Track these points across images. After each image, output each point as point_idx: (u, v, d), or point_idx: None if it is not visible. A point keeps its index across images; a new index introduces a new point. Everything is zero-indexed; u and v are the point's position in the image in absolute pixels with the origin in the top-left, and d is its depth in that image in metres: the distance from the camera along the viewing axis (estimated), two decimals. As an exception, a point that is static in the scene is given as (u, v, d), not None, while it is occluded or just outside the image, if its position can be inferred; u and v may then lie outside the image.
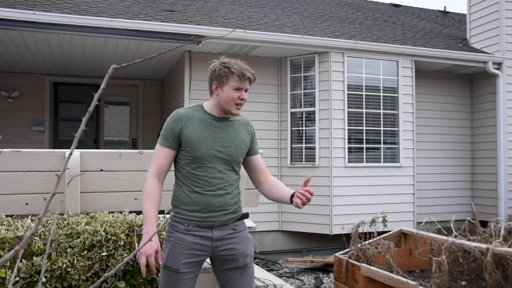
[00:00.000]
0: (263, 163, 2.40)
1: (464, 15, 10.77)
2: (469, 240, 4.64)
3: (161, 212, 2.93)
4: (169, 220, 2.14)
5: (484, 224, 5.47)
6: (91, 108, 1.08)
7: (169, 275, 2.08)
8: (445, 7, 11.82)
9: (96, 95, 1.07)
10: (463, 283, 4.52)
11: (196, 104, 2.24)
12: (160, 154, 2.14)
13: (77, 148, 2.59)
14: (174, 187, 2.22)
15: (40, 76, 8.05)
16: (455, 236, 4.60)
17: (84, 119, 1.06)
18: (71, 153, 1.08)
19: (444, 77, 8.06)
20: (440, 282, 4.04)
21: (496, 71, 7.52)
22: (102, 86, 1.10)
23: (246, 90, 2.18)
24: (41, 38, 5.92)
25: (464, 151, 8.16)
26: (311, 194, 2.18)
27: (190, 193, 2.12)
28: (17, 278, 2.25)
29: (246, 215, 2.28)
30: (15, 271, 1.14)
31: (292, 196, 2.22)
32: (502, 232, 4.39)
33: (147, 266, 2.03)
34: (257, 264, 5.45)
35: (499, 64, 7.58)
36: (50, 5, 5.87)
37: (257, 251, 6.46)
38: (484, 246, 4.11)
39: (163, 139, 2.15)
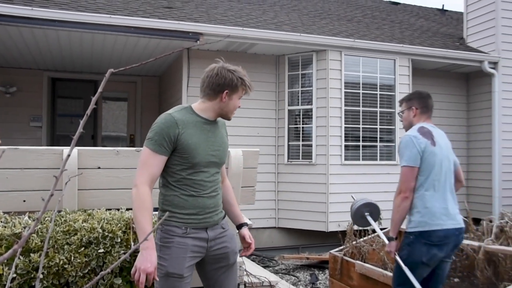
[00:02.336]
0: None
1: (462, 14, 10.79)
2: (462, 238, 4.69)
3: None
4: (160, 226, 2.07)
5: (478, 221, 5.52)
6: (88, 111, 1.11)
7: (173, 282, 2.02)
8: (443, 5, 11.84)
9: (94, 99, 1.10)
10: (456, 280, 4.58)
11: (184, 106, 2.16)
12: (153, 161, 2.02)
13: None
14: (163, 191, 2.13)
15: (38, 72, 8.05)
16: (449, 234, 4.64)
17: (81, 122, 1.09)
18: (69, 155, 1.12)
19: (441, 75, 8.10)
20: (433, 279, 4.09)
21: (492, 71, 7.57)
22: (100, 90, 1.13)
23: None
24: (39, 34, 5.93)
25: (460, 149, 8.20)
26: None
27: (187, 197, 2.08)
28: (15, 275, 2.28)
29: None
30: (13, 268, 1.18)
31: (240, 226, 2.37)
32: (495, 230, 4.44)
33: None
34: (253, 261, 5.49)
35: (495, 63, 7.63)
36: (48, 1, 5.87)
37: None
38: (476, 243, 4.17)
39: (156, 145, 2.01)
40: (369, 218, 3.36)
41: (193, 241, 2.08)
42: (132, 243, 2.46)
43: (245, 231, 2.36)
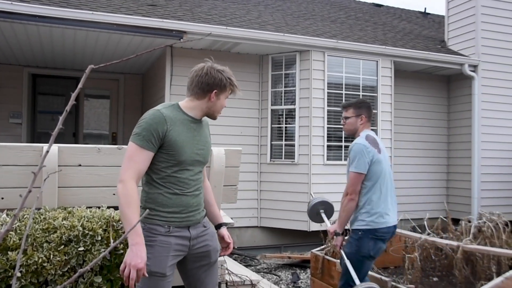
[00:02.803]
0: None
1: (443, 17, 10.97)
2: (441, 237, 4.77)
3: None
4: (142, 224, 2.03)
5: (457, 222, 5.62)
6: (68, 107, 1.11)
7: (155, 281, 2.01)
8: (425, 9, 12.02)
9: (73, 95, 1.09)
10: (435, 279, 4.65)
11: (171, 103, 2.16)
12: (140, 157, 2.00)
13: (55, 141, 2.59)
14: (147, 188, 2.11)
15: (18, 68, 7.91)
16: (428, 234, 4.72)
17: (61, 118, 1.08)
18: (47, 151, 1.11)
19: (423, 77, 8.22)
20: (412, 278, 4.16)
21: (472, 73, 7.71)
22: (80, 85, 1.12)
23: None
24: (20, 29, 5.82)
25: (440, 150, 8.34)
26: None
27: (170, 195, 2.08)
28: (-8, 273, 2.25)
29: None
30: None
31: (219, 226, 2.36)
32: (473, 230, 4.53)
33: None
34: (235, 260, 5.50)
35: (475, 66, 7.77)
36: (29, -4, 5.77)
37: (236, 247, 6.51)
38: (455, 243, 4.24)
39: (144, 141, 2.00)
40: (323, 215, 3.63)
41: (176, 239, 2.08)
42: (112, 241, 2.44)
43: (224, 231, 2.36)
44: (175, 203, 2.08)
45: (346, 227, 3.34)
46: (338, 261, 4.17)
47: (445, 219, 5.15)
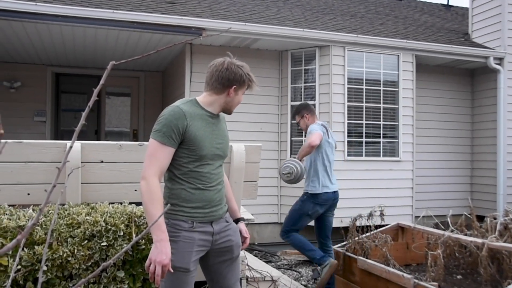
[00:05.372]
0: None
1: (467, 9, 10.73)
2: (465, 234, 4.68)
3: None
4: (166, 220, 2.05)
5: (482, 219, 5.51)
6: (90, 103, 1.12)
7: (179, 276, 2.02)
8: (448, 1, 11.78)
9: (96, 91, 1.11)
10: (459, 277, 4.57)
11: (189, 99, 2.17)
12: (162, 153, 2.01)
13: (78, 139, 2.64)
14: (170, 184, 2.13)
15: (42, 67, 8.07)
16: (452, 231, 4.64)
17: (84, 114, 1.09)
18: (71, 147, 1.12)
19: (445, 71, 8.06)
20: (435, 275, 4.09)
21: (497, 67, 7.52)
22: (101, 82, 1.13)
23: None
24: (43, 29, 5.94)
25: (464, 146, 8.18)
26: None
27: (194, 190, 2.09)
28: (19, 267, 2.30)
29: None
30: (17, 259, 1.19)
31: (237, 221, 2.40)
32: (498, 227, 4.43)
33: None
34: (256, 256, 5.51)
35: (501, 59, 7.58)
36: (52, -4, 5.88)
37: (256, 243, 6.53)
38: (480, 240, 4.16)
39: (165, 137, 2.00)
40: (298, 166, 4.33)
41: (199, 235, 2.09)
42: (134, 236, 2.47)
43: (241, 225, 2.39)
44: (198, 198, 2.09)
45: None
46: (359, 257, 4.14)
47: (469, 215, 5.05)
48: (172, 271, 1.95)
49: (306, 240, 4.45)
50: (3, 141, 0.77)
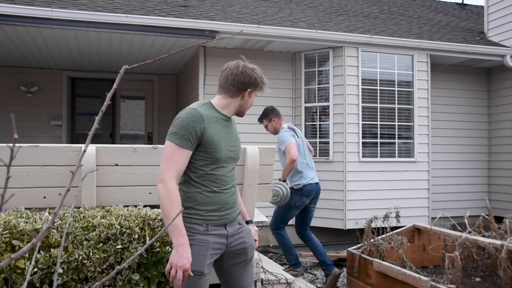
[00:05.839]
0: None
1: (482, 8, 10.59)
2: (483, 236, 4.60)
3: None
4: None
5: (500, 220, 5.41)
6: (103, 107, 1.12)
7: (193, 279, 2.01)
8: (462, 0, 11.63)
9: (109, 95, 1.11)
10: (477, 279, 4.49)
11: (204, 102, 2.18)
12: (180, 156, 2.00)
13: (93, 142, 2.67)
14: (185, 188, 2.13)
15: (58, 71, 8.19)
16: (469, 232, 4.57)
17: (97, 118, 1.10)
18: (84, 151, 1.13)
19: (461, 71, 7.96)
20: (453, 278, 4.03)
21: (514, 65, 7.40)
22: (114, 86, 1.14)
23: None
24: (59, 35, 6.02)
25: (481, 146, 8.06)
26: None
27: (209, 193, 2.09)
28: (36, 269, 2.33)
29: None
30: (33, 262, 1.20)
31: (246, 223, 2.37)
32: (517, 228, 4.35)
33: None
34: (270, 258, 5.49)
35: (518, 58, 7.46)
36: (67, 1, 5.96)
37: (271, 245, 6.50)
38: (498, 242, 4.08)
39: (182, 140, 2.00)
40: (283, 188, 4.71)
41: (214, 238, 2.09)
42: (148, 239, 2.48)
43: (251, 227, 2.39)
44: (213, 201, 2.09)
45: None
46: (375, 259, 4.10)
47: (486, 216, 4.96)
48: (192, 274, 1.96)
49: (291, 243, 4.99)
50: (17, 145, 0.78)
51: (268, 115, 4.98)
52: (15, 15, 5.32)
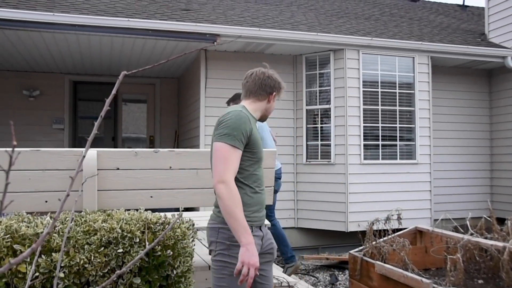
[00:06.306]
0: None
1: (483, 9, 10.59)
2: (485, 238, 4.59)
3: (164, 210, 2.99)
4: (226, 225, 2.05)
5: (502, 221, 5.40)
6: (102, 113, 1.13)
7: (238, 281, 2.00)
8: (463, 1, 11.63)
9: (108, 101, 1.12)
10: (480, 281, 4.48)
11: (241, 105, 2.26)
12: (234, 157, 2.04)
13: (95, 145, 2.68)
14: None
15: (59, 75, 8.22)
16: (471, 234, 4.56)
17: (96, 124, 1.11)
18: (84, 156, 1.14)
19: (462, 72, 7.95)
20: (455, 280, 4.02)
21: (516, 66, 7.39)
22: (113, 92, 1.15)
23: None
24: (60, 39, 6.04)
25: (483, 147, 8.05)
26: None
27: (253, 194, 2.14)
28: (37, 274, 2.33)
29: None
30: (33, 267, 1.20)
31: None
32: (520, 230, 4.33)
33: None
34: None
35: (519, 59, 7.45)
36: (68, 6, 5.99)
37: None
38: (501, 244, 4.07)
39: (235, 140, 2.04)
40: None
41: (256, 239, 2.08)
42: (147, 244, 2.48)
43: None
44: (255, 201, 2.15)
45: None
46: (377, 262, 4.09)
47: (489, 218, 4.95)
48: (258, 274, 1.98)
49: (285, 235, 5.18)
50: (17, 149, 0.79)
51: (235, 100, 5.02)
52: (17, 20, 5.34)
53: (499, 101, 7.94)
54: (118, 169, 2.90)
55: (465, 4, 11.55)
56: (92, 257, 2.44)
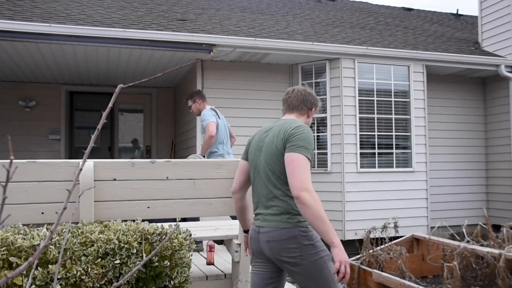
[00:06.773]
0: None
1: (477, 18, 10.70)
2: (482, 245, 4.61)
3: (165, 220, 2.99)
4: (304, 228, 2.29)
5: (498, 228, 5.41)
6: (99, 126, 1.14)
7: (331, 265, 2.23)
8: (457, 10, 11.75)
9: (104, 114, 1.13)
10: (477, 289, 4.49)
11: (293, 119, 2.40)
12: (309, 169, 2.22)
13: (91, 156, 2.68)
14: (286, 198, 2.28)
15: (56, 86, 8.22)
16: (468, 242, 4.57)
17: (93, 137, 1.12)
18: (81, 169, 1.15)
19: (456, 81, 8.01)
20: (452, 287, 4.03)
21: (509, 74, 7.46)
22: (110, 105, 1.16)
23: None
24: (57, 49, 6.06)
25: (478, 155, 8.09)
26: None
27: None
28: (33, 286, 2.33)
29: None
30: (30, 279, 1.21)
31: (247, 231, 2.57)
32: (515, 237, 4.35)
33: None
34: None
35: (512, 67, 7.52)
36: (65, 17, 6.02)
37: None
38: (496, 251, 4.09)
39: (311, 155, 2.23)
40: None
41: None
42: (144, 255, 2.48)
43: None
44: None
45: None
46: (374, 270, 4.09)
47: (484, 225, 4.97)
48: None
49: None
50: (15, 161, 0.80)
51: (193, 96, 5.28)
52: (14, 31, 5.36)
53: (493, 108, 8.00)
54: (115, 180, 2.91)
55: (459, 13, 11.68)
56: (89, 269, 2.43)
